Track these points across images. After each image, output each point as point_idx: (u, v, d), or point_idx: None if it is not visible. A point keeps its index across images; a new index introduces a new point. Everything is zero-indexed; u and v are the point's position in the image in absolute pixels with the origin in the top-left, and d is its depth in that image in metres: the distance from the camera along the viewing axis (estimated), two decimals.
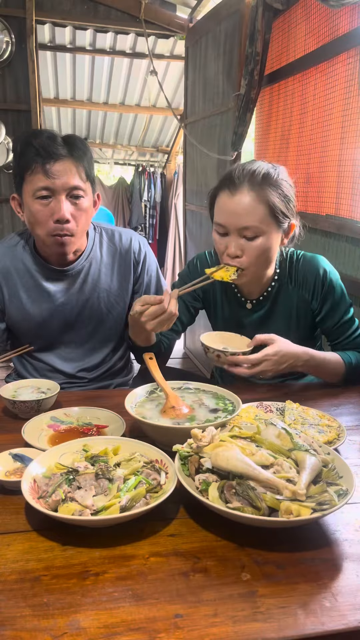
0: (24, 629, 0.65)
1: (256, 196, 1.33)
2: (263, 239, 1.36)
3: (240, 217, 1.34)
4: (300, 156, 2.48)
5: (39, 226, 1.45)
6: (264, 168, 1.37)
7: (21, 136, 1.47)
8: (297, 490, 0.81)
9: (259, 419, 1.16)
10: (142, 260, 1.64)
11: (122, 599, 0.70)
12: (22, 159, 1.41)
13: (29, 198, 1.43)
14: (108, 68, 5.13)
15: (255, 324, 1.53)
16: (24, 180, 1.43)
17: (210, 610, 0.68)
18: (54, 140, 1.41)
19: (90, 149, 1.49)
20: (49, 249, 1.50)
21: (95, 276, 1.58)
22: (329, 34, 2.18)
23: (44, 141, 1.39)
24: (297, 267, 1.50)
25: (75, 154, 1.42)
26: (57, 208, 1.41)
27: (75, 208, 1.44)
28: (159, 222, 6.92)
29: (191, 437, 0.94)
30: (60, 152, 1.40)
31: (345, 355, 1.45)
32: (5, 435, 1.16)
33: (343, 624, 0.67)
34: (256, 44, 2.62)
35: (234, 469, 0.85)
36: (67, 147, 1.42)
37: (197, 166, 3.95)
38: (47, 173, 1.38)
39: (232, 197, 1.35)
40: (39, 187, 1.40)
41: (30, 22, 3.88)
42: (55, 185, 1.40)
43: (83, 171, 1.44)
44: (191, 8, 4.07)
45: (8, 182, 4.21)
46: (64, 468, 0.91)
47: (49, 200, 1.42)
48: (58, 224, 1.43)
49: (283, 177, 1.39)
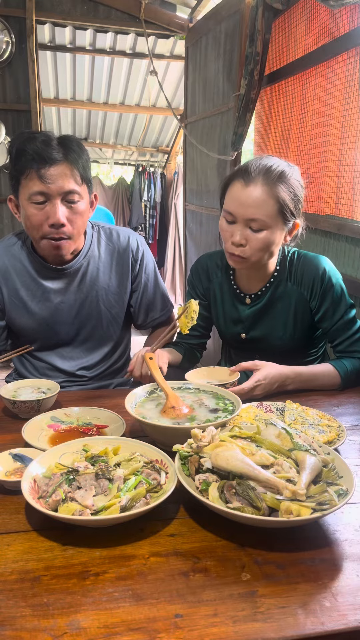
0: (24, 628, 0.65)
1: (269, 191, 1.35)
2: (268, 232, 1.37)
3: (249, 208, 1.36)
4: (300, 156, 2.48)
5: (34, 229, 1.45)
6: (281, 166, 1.39)
7: (16, 139, 1.46)
8: (297, 490, 0.81)
9: (259, 419, 1.16)
10: (139, 258, 1.64)
11: (122, 599, 0.70)
12: (17, 163, 1.41)
13: (25, 201, 1.43)
14: (108, 68, 5.13)
15: (252, 318, 1.54)
16: (19, 183, 1.43)
17: (210, 610, 0.68)
18: (49, 144, 1.40)
19: (86, 151, 1.49)
20: (45, 251, 1.51)
21: (93, 274, 1.59)
22: (329, 34, 2.18)
23: (38, 146, 1.39)
24: (298, 266, 1.50)
25: (70, 157, 1.42)
26: (52, 212, 1.41)
27: (70, 212, 1.44)
28: (159, 222, 6.91)
29: (191, 437, 0.94)
30: (55, 157, 1.39)
31: (340, 364, 1.45)
32: (5, 435, 1.16)
33: (343, 624, 0.67)
34: (256, 44, 2.62)
35: (234, 469, 0.85)
36: (63, 150, 1.42)
37: (197, 166, 3.95)
38: (42, 178, 1.38)
39: (246, 187, 1.37)
40: (34, 191, 1.40)
41: (30, 22, 3.88)
42: (50, 190, 1.40)
43: (78, 174, 1.44)
44: (191, 8, 4.07)
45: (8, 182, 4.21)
46: (64, 468, 0.91)
47: (44, 204, 1.42)
48: (53, 228, 1.43)
49: (297, 177, 1.41)
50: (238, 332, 1.58)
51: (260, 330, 1.55)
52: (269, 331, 1.54)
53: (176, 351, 1.62)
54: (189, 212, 4.32)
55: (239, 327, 1.58)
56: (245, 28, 2.87)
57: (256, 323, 1.54)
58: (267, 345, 1.55)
